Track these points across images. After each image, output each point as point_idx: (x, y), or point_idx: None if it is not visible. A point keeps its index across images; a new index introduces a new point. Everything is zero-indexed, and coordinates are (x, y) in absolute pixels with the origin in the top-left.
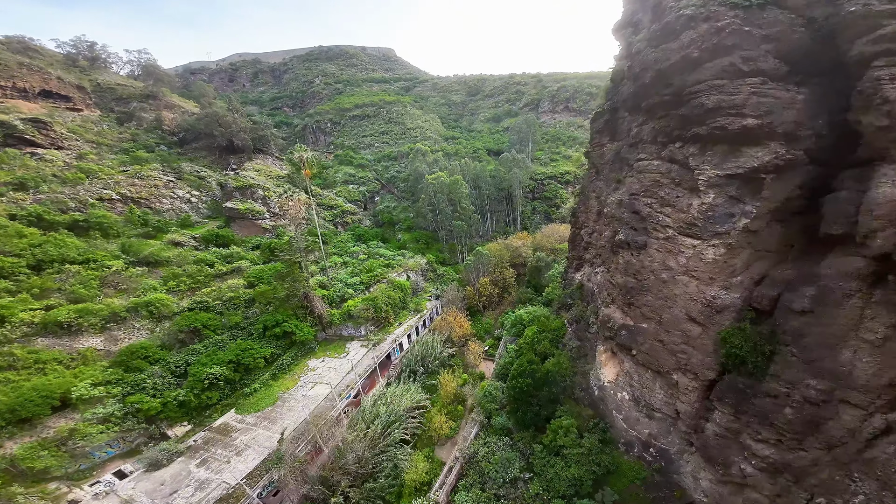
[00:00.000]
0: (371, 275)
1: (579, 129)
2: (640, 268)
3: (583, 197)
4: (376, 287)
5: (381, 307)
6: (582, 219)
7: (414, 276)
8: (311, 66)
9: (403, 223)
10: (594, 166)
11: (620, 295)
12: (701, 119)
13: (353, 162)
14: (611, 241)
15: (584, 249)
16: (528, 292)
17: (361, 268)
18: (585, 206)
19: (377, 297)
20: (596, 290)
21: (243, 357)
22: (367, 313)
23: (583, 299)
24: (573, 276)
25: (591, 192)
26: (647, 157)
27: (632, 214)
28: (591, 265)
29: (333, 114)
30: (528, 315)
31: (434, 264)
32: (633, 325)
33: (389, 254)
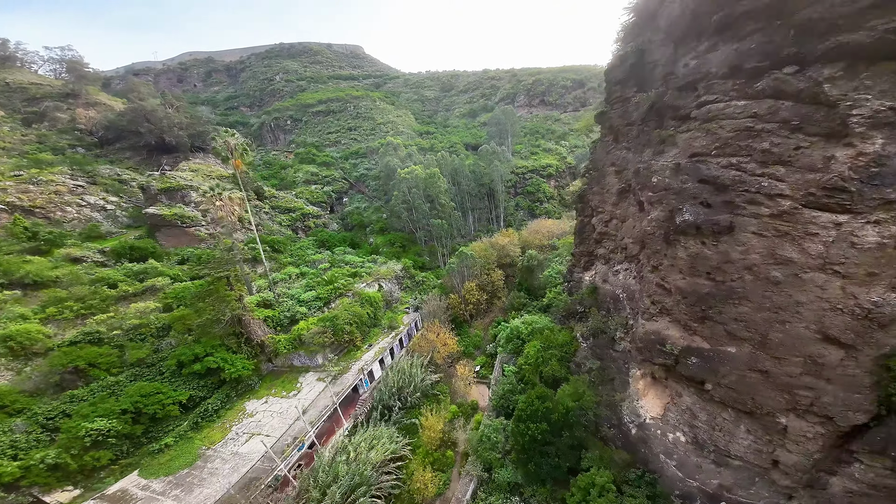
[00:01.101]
0: (331, 288)
1: (556, 122)
2: (723, 263)
3: (594, 175)
4: (338, 303)
5: (342, 328)
6: (594, 203)
7: (387, 286)
8: (271, 64)
9: (375, 225)
10: (612, 131)
11: (684, 304)
12: (854, 20)
13: (316, 160)
14: (662, 226)
15: (597, 243)
16: (520, 297)
17: (320, 280)
18: (600, 187)
19: (338, 315)
20: (623, 296)
21: (146, 404)
22: (323, 338)
23: (599, 307)
24: (581, 276)
25: (607, 167)
26: (720, 97)
27: (700, 185)
28: (609, 262)
29: (294, 110)
30: (526, 327)
31: (411, 270)
32: (710, 348)
33: (357, 261)
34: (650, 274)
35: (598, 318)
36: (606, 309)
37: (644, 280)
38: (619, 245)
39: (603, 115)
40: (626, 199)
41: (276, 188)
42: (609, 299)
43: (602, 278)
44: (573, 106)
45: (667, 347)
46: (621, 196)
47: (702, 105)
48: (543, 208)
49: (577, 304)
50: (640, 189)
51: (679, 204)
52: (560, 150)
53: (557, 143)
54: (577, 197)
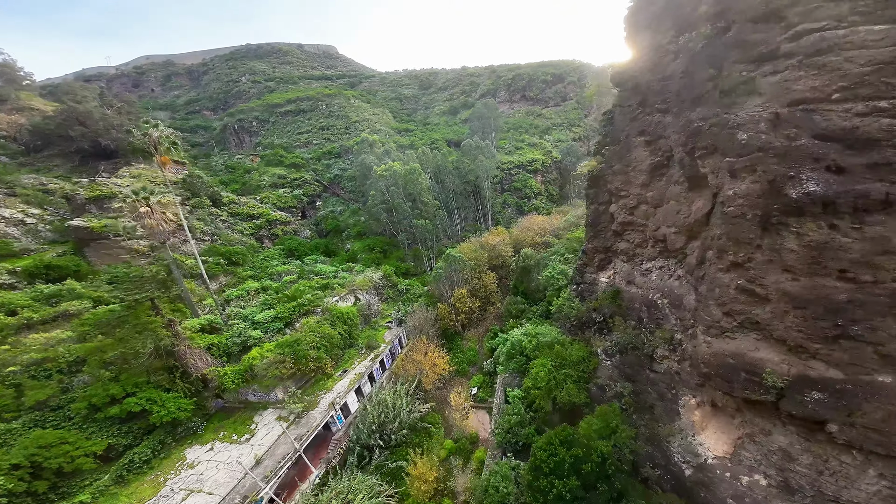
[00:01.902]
0: (294, 305)
1: (538, 117)
2: (873, 255)
3: (613, 151)
4: (302, 323)
5: (305, 355)
6: (613, 186)
7: (365, 298)
8: (237, 65)
9: (352, 229)
10: (637, 92)
11: (796, 317)
12: None
13: (284, 162)
14: (758, 204)
15: (617, 235)
16: (517, 302)
17: (281, 296)
18: (622, 165)
19: (301, 339)
20: (662, 302)
21: (46, 456)
22: (280, 368)
23: (624, 315)
24: (595, 277)
25: (632, 138)
26: (831, 23)
27: (819, 142)
28: (633, 259)
29: (261, 111)
30: (530, 340)
31: (393, 277)
32: (846, 379)
33: (330, 270)
34: (723, 274)
35: (627, 329)
36: (637, 318)
37: (707, 282)
38: (650, 237)
39: (622, 73)
40: (663, 177)
41: (237, 193)
42: (640, 306)
43: (625, 279)
44: (554, 101)
45: (765, 378)
46: (655, 174)
47: (799, 36)
48: (532, 204)
49: (594, 312)
50: (706, 155)
51: (789, 170)
52: (545, 145)
53: (541, 138)
54: (589, 180)
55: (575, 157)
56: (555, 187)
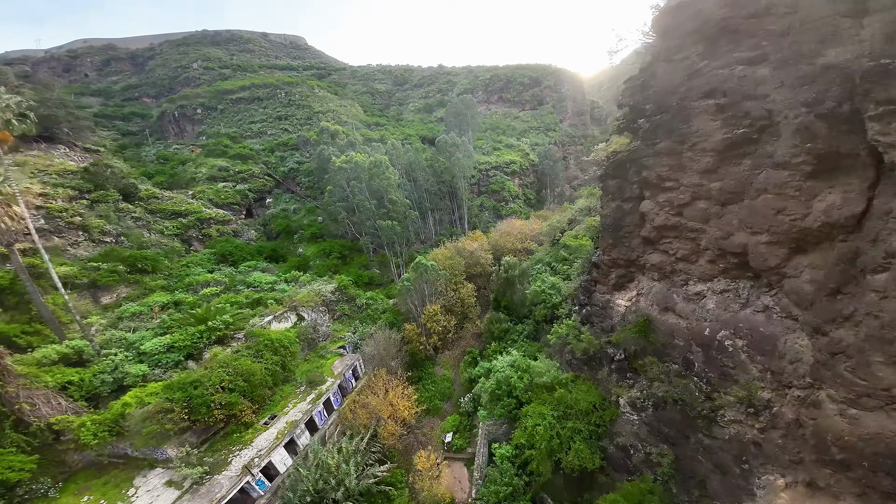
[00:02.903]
0: (201, 329)
1: (516, 119)
2: None
3: (657, 123)
4: (210, 355)
5: (207, 402)
6: (655, 173)
7: (311, 316)
8: (188, 51)
9: (306, 231)
10: (701, 30)
11: None
12: None
13: (228, 153)
14: None
15: (649, 244)
16: (500, 319)
17: (188, 315)
18: (671, 142)
19: (201, 379)
20: (736, 345)
21: None
22: (164, 422)
23: (661, 355)
24: (609, 299)
25: (690, 102)
26: None
27: None
28: (671, 277)
29: (208, 97)
30: (520, 376)
31: (350, 289)
32: None
33: (267, 281)
34: None
35: (668, 377)
36: (684, 362)
37: (860, 325)
38: (708, 247)
39: (674, 7)
40: (747, 159)
41: (162, 187)
42: (688, 344)
43: (659, 305)
44: (531, 104)
45: None
46: (730, 154)
47: None
48: (510, 208)
49: (611, 347)
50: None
51: None
52: (522, 147)
53: (519, 140)
54: (609, 167)
55: (552, 160)
56: (532, 191)
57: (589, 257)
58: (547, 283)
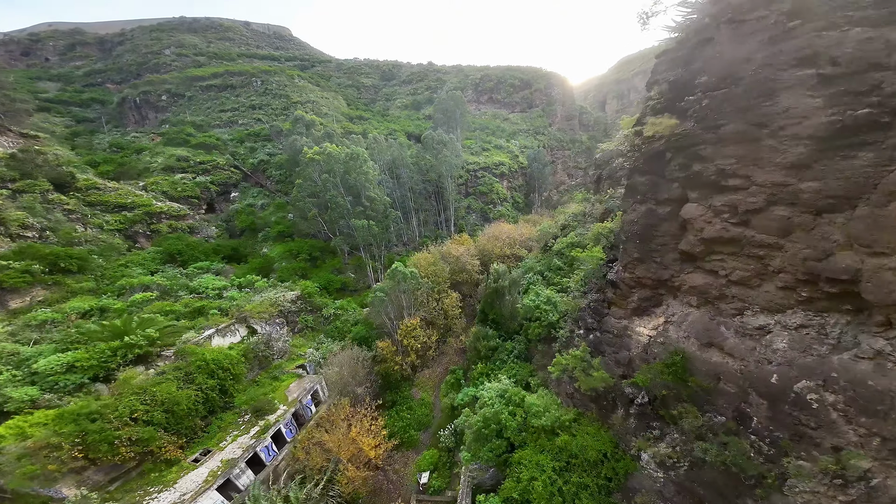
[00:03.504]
0: (119, 345)
1: (505, 121)
2: None
3: (719, 99)
4: (121, 378)
5: (110, 438)
6: (715, 167)
7: (265, 330)
8: (162, 37)
9: (273, 229)
10: None
11: None
12: None
13: (190, 142)
14: None
15: (689, 260)
16: (487, 336)
17: (101, 328)
18: (745, 122)
19: (104, 409)
20: (825, 400)
21: None
22: (49, 461)
23: (701, 402)
24: (626, 325)
25: (778, 73)
26: None
27: None
28: (719, 305)
29: (176, 84)
30: (512, 412)
31: (317, 297)
32: None
33: (215, 285)
34: None
35: (709, 429)
36: (736, 414)
37: None
38: (783, 269)
39: None
40: (865, 151)
41: (108, 177)
42: (746, 392)
43: (698, 338)
44: (521, 106)
45: None
46: (834, 145)
47: None
48: (497, 211)
49: (631, 388)
50: None
51: None
52: (511, 148)
53: (508, 141)
54: (641, 160)
55: (542, 163)
56: (520, 194)
57: (599, 272)
58: (541, 297)
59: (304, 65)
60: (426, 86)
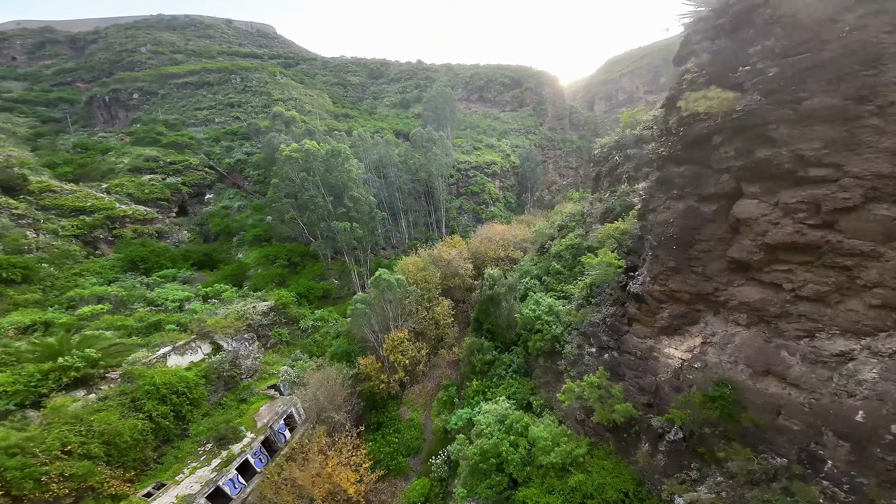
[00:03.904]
0: (52, 366)
1: (496, 120)
2: None
3: (793, 71)
4: (48, 407)
5: (32, 474)
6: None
7: (231, 346)
8: (138, 34)
9: (248, 232)
10: None
11: None
12: None
13: (160, 141)
14: None
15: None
16: (483, 348)
17: (34, 347)
18: (836, 98)
19: (24, 444)
20: None
21: None
22: None
23: (754, 442)
24: (653, 346)
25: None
26: None
27: None
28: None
29: (149, 81)
30: (513, 442)
31: (293, 308)
32: None
33: (176, 296)
34: None
35: (767, 473)
36: (804, 457)
37: None
38: (877, 283)
39: None
40: None
41: (67, 179)
42: (818, 430)
43: (750, 363)
44: (511, 105)
45: None
46: None
47: None
48: (490, 211)
49: (663, 425)
50: None
51: None
52: (503, 147)
53: (499, 140)
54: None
55: (534, 162)
56: (512, 194)
57: (616, 282)
58: (542, 306)
59: (289, 63)
60: (415, 84)
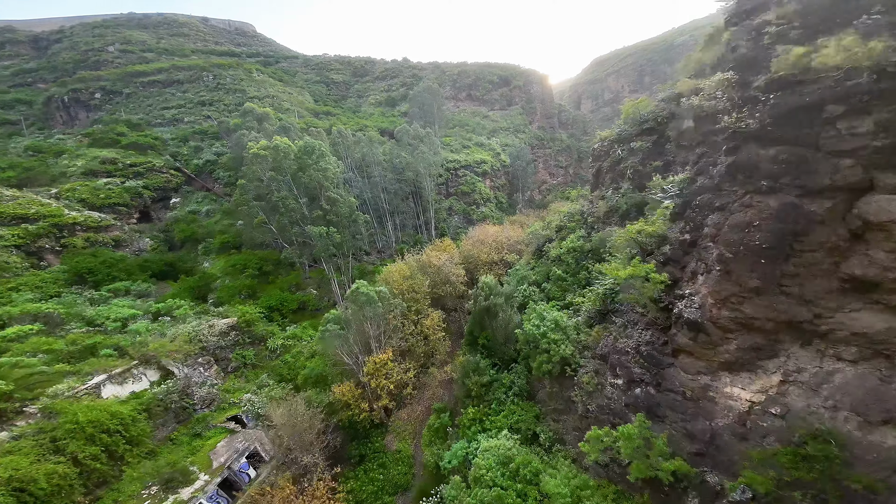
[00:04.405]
0: None
1: (485, 118)
2: None
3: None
4: None
5: None
6: None
7: (183, 372)
8: (107, 34)
9: (216, 239)
10: None
11: None
12: None
13: (120, 142)
14: None
15: (862, 291)
16: (479, 368)
17: None
18: None
19: None
20: None
21: None
22: None
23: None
24: (708, 385)
25: None
26: None
27: None
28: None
29: (113, 80)
30: (521, 492)
31: (259, 325)
32: None
33: (119, 316)
34: None
35: None
36: None
37: None
38: None
39: None
40: None
41: (9, 184)
42: None
43: (865, 411)
44: (500, 104)
45: None
46: None
47: None
48: (481, 212)
49: (716, 475)
50: None
51: None
52: (493, 146)
53: (489, 139)
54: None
55: (525, 161)
56: (504, 194)
57: (652, 299)
58: (547, 322)
59: (269, 61)
60: (401, 82)
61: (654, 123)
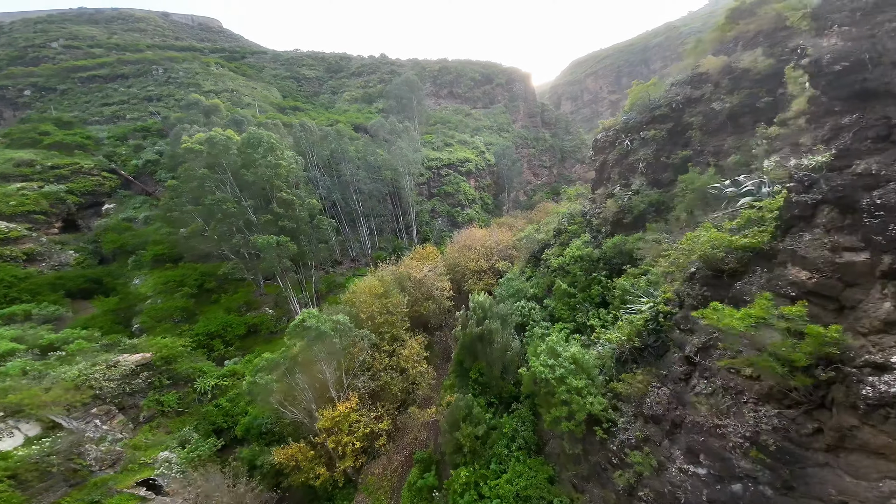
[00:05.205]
0: None
1: (468, 116)
2: None
3: None
4: None
5: None
6: None
7: (73, 426)
8: (51, 29)
9: (149, 251)
10: None
11: None
12: None
13: (42, 142)
14: None
15: None
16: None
17: None
18: None
19: None
20: None
21: None
22: None
23: None
24: (889, 492)
25: None
26: None
27: None
28: None
29: (46, 76)
30: None
31: (182, 363)
32: None
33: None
34: None
35: None
36: None
37: None
38: None
39: None
40: None
41: None
42: None
43: None
44: (482, 102)
45: None
46: None
47: None
48: (466, 214)
49: None
50: None
51: None
52: (477, 144)
53: (472, 137)
54: None
55: (511, 160)
56: (489, 195)
57: (807, 366)
58: (564, 360)
59: (234, 56)
60: (379, 78)
61: (667, 110)
